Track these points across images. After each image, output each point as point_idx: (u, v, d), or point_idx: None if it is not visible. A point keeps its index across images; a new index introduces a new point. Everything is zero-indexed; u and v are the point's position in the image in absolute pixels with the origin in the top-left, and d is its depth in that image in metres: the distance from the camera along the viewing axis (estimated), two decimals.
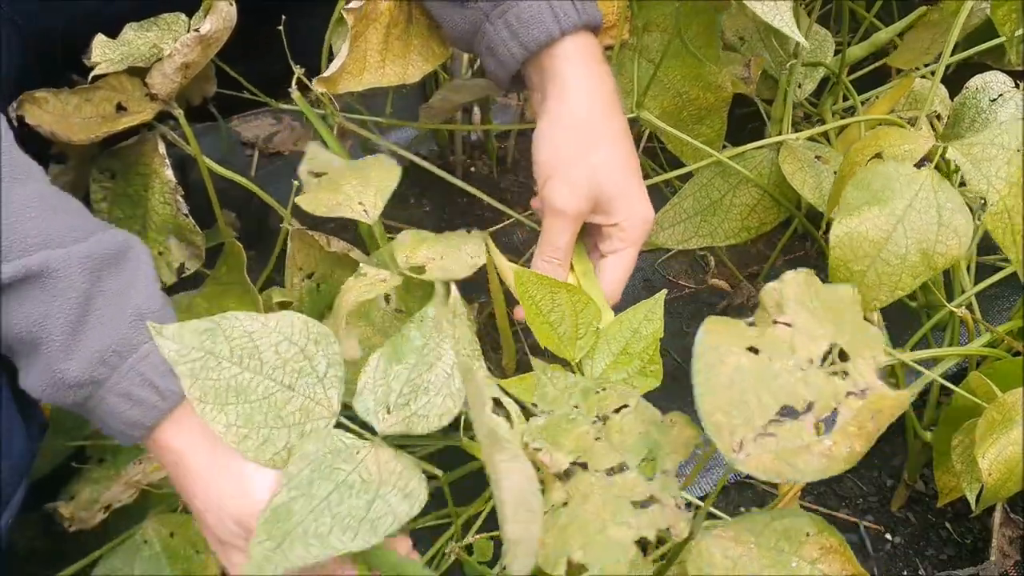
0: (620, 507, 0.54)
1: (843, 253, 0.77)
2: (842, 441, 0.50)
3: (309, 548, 0.56)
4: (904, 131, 0.81)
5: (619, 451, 0.57)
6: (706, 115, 0.98)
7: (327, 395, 0.64)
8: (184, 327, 0.63)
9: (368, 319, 0.82)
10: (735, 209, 0.98)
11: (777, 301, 0.56)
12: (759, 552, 0.53)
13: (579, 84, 0.78)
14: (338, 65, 0.81)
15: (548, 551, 0.52)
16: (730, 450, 0.51)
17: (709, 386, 0.52)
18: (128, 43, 0.80)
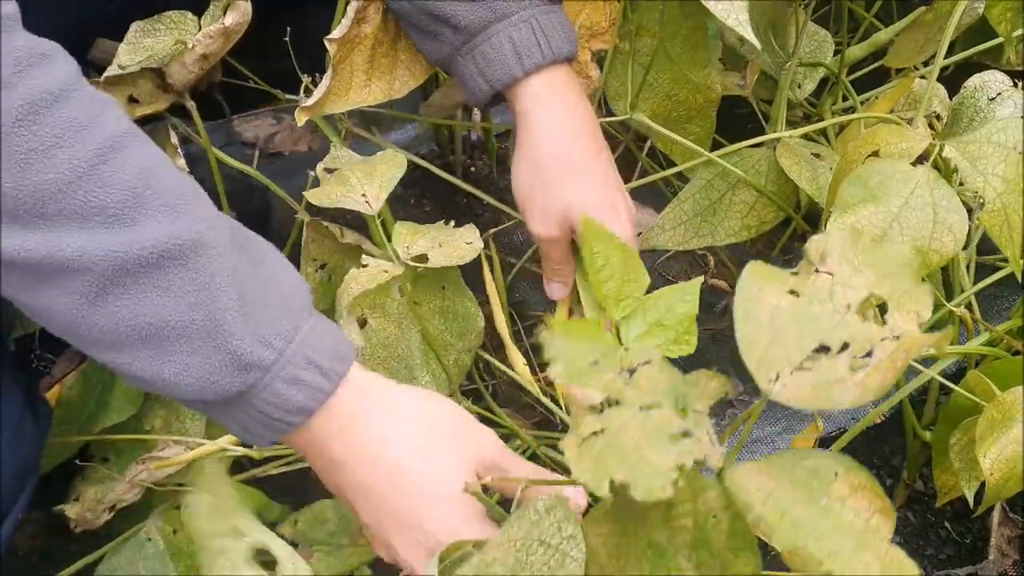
0: (658, 437, 0.54)
1: None
2: (875, 374, 0.52)
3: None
4: (901, 129, 0.81)
5: (650, 395, 0.58)
6: (695, 116, 1.00)
7: None
8: None
9: (383, 311, 0.84)
10: (735, 208, 0.99)
11: (821, 252, 0.58)
12: (792, 488, 0.53)
13: (544, 120, 0.82)
14: (321, 92, 0.83)
15: (591, 473, 0.53)
16: (767, 381, 0.53)
17: (749, 322, 0.54)
18: (150, 48, 0.81)
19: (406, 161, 0.85)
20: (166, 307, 0.57)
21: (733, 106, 1.02)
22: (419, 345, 0.85)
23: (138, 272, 0.56)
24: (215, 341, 0.59)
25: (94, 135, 0.56)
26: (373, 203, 0.82)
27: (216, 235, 0.59)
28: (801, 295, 0.56)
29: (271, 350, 0.61)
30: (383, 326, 0.83)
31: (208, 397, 0.60)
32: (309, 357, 0.62)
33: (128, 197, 0.56)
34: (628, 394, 0.58)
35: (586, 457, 0.54)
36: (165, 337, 0.58)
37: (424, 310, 0.86)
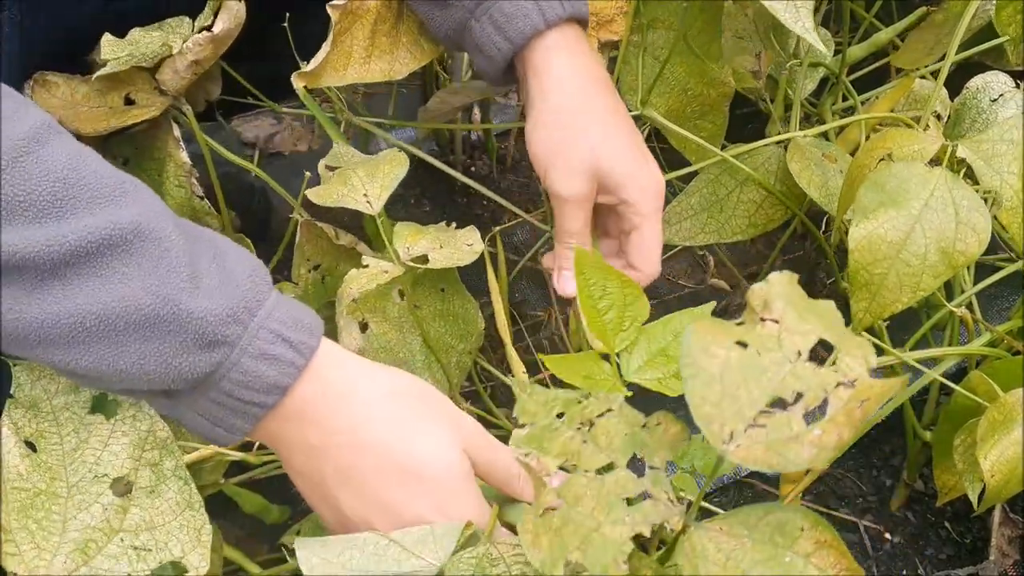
0: (613, 505, 0.54)
1: (863, 256, 0.77)
2: (831, 430, 0.50)
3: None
4: (912, 132, 0.81)
5: (606, 452, 0.57)
6: (708, 111, 0.99)
7: None
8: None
9: (384, 314, 0.83)
10: (742, 206, 0.99)
11: (764, 299, 0.56)
12: (753, 546, 0.52)
13: (562, 71, 0.79)
14: (320, 59, 0.81)
15: (545, 554, 0.53)
16: (720, 441, 0.51)
17: (698, 380, 0.52)
18: (135, 42, 0.81)
19: (408, 160, 0.85)
20: (112, 295, 0.54)
21: (733, 105, 1.02)
22: (420, 348, 0.85)
23: (77, 263, 0.53)
24: (172, 323, 0.55)
25: (15, 128, 0.53)
26: (374, 203, 0.81)
27: (159, 221, 0.56)
28: (750, 346, 0.54)
29: (236, 324, 0.57)
30: (384, 330, 0.82)
31: (172, 384, 0.57)
32: (276, 331, 0.59)
33: (59, 189, 0.53)
34: (585, 455, 0.57)
35: (543, 535, 0.54)
36: (115, 327, 0.54)
37: (424, 313, 0.85)
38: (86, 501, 0.56)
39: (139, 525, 0.56)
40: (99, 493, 0.56)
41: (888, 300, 0.78)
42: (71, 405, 0.57)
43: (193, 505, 0.58)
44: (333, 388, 0.62)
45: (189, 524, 0.58)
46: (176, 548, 0.57)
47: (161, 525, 0.57)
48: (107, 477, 0.57)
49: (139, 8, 0.82)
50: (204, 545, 0.57)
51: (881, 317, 0.79)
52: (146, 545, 0.56)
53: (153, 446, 0.58)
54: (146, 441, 0.58)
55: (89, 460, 0.57)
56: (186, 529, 0.57)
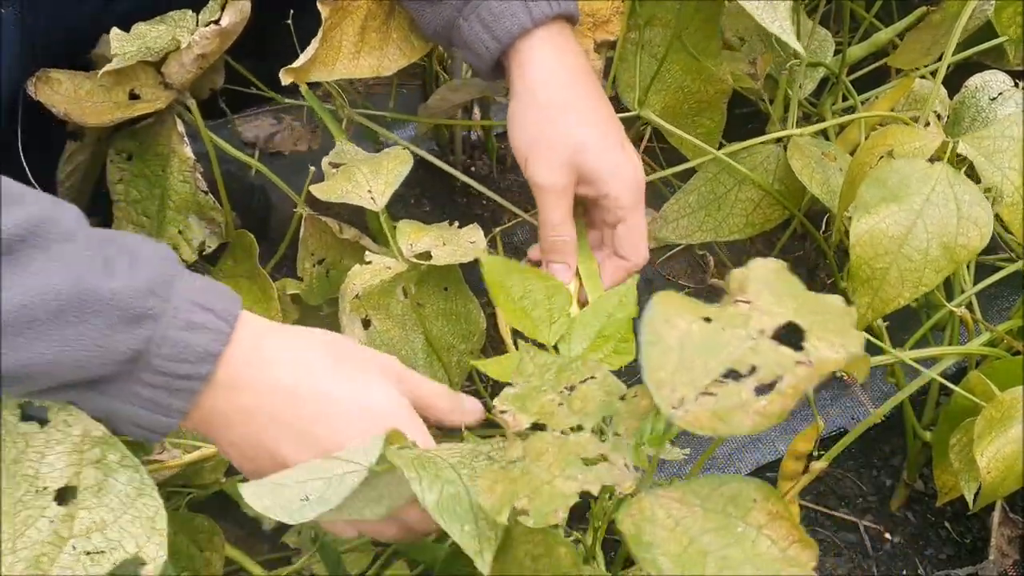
0: (570, 462, 0.55)
1: (864, 251, 0.77)
2: (777, 400, 0.51)
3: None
4: (912, 129, 0.81)
5: (578, 415, 0.58)
6: (706, 108, 0.99)
7: None
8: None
9: (387, 312, 0.83)
10: (740, 205, 0.99)
11: (740, 283, 0.57)
12: (704, 515, 0.53)
13: (546, 66, 0.80)
14: (309, 54, 0.82)
15: (495, 499, 0.54)
16: (668, 406, 0.52)
17: (656, 347, 0.53)
18: (143, 36, 0.81)
19: (412, 157, 0.85)
20: (29, 286, 0.53)
21: (732, 104, 1.02)
22: (422, 347, 0.85)
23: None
24: (93, 304, 0.55)
25: None
26: (378, 199, 0.82)
27: (62, 213, 0.56)
28: (715, 321, 0.55)
29: (156, 297, 0.57)
30: (387, 327, 0.83)
31: (103, 368, 0.56)
32: (198, 301, 0.59)
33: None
34: (559, 416, 0.58)
35: (500, 483, 0.54)
36: (37, 317, 0.53)
37: (427, 312, 0.86)
38: (32, 516, 0.56)
39: (89, 528, 0.56)
40: (43, 507, 0.56)
41: (890, 296, 0.78)
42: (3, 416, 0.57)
43: (144, 491, 0.57)
44: (261, 350, 0.62)
45: (141, 514, 0.57)
46: (130, 544, 0.56)
47: (112, 522, 0.56)
48: (48, 490, 0.56)
49: (140, 7, 0.83)
50: (159, 533, 0.57)
51: (883, 313, 0.79)
52: (99, 547, 0.56)
53: (92, 445, 0.57)
54: (83, 442, 0.57)
55: (29, 473, 0.56)
56: (138, 520, 0.57)
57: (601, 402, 0.59)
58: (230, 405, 0.61)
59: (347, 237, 0.88)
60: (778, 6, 0.76)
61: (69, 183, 0.92)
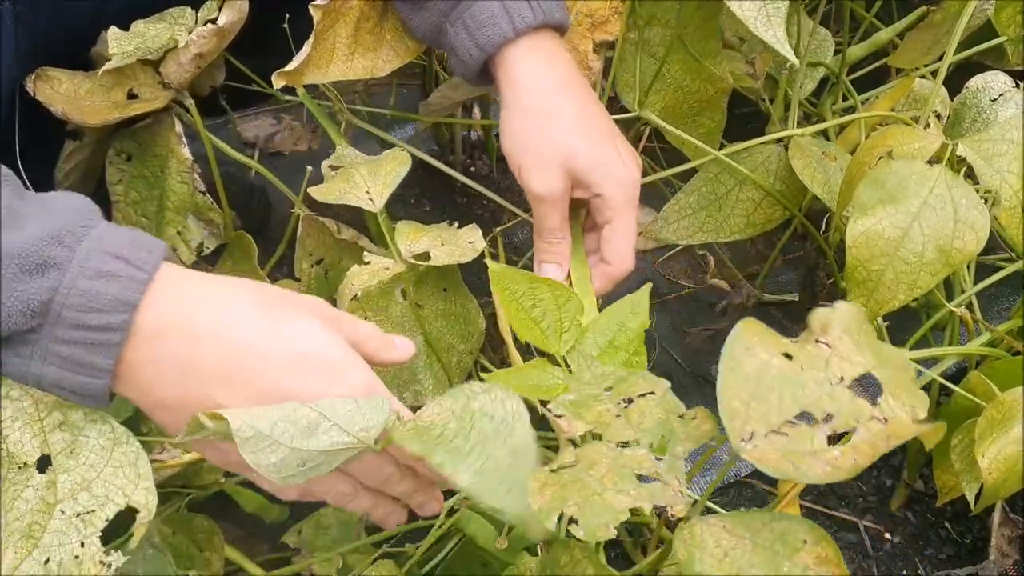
0: (623, 476, 0.55)
1: (860, 253, 0.77)
2: (850, 454, 0.51)
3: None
4: (912, 130, 0.81)
5: (635, 429, 0.58)
6: (706, 107, 0.98)
7: None
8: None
9: (386, 313, 0.83)
10: (740, 205, 0.99)
11: (823, 324, 0.57)
12: (753, 549, 0.53)
13: (532, 74, 0.80)
14: (302, 58, 0.82)
15: (545, 503, 0.53)
16: (739, 438, 0.52)
17: (734, 374, 0.53)
18: (141, 35, 0.81)
19: (411, 159, 0.85)
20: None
21: (733, 104, 1.02)
22: (422, 348, 0.85)
23: None
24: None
25: None
26: (376, 200, 0.82)
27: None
28: (795, 359, 0.54)
29: (60, 247, 0.55)
30: (386, 328, 0.83)
31: (12, 323, 0.54)
32: (110, 251, 0.56)
33: None
34: (614, 428, 0.58)
35: (550, 487, 0.54)
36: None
37: (427, 312, 0.86)
38: (17, 489, 0.56)
39: (72, 489, 0.56)
40: (27, 478, 0.56)
41: (885, 297, 0.78)
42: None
43: (120, 440, 0.57)
44: (188, 298, 0.60)
45: (123, 462, 0.57)
46: (118, 495, 0.56)
47: (94, 478, 0.56)
48: (28, 465, 0.56)
49: (138, 6, 0.83)
50: (145, 478, 0.56)
51: (878, 314, 0.79)
52: (88, 507, 0.55)
53: (48, 410, 0.57)
54: (39, 411, 0.57)
55: (13, 452, 0.57)
56: (120, 470, 0.56)
57: (659, 419, 0.58)
58: (158, 355, 0.58)
59: (345, 238, 0.88)
60: (772, 16, 0.75)
61: (68, 183, 0.92)
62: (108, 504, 0.56)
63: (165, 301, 0.58)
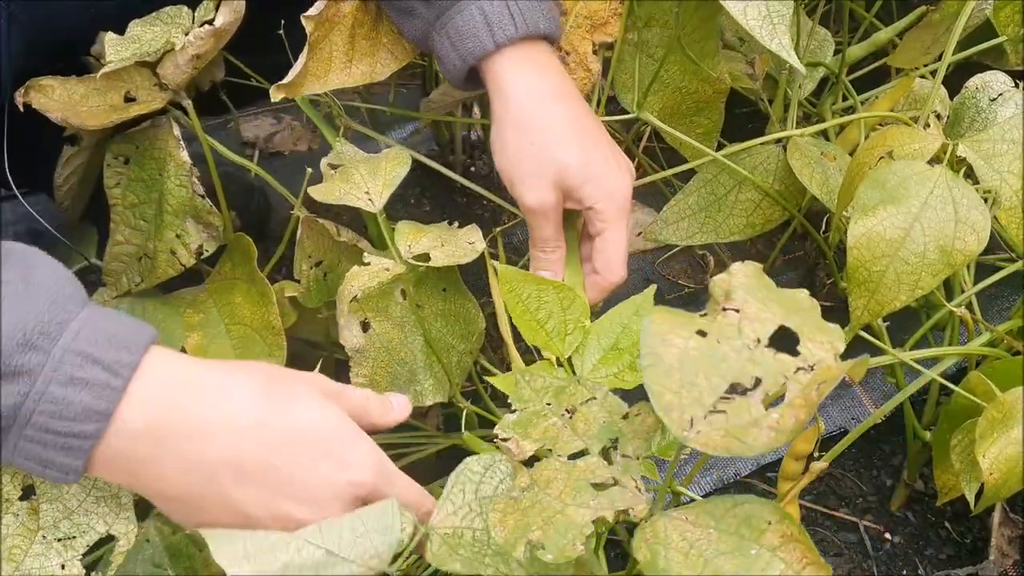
0: (580, 489, 0.55)
1: (861, 254, 0.77)
2: (789, 413, 0.51)
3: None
4: (913, 130, 0.81)
5: (582, 438, 0.58)
6: (703, 108, 0.99)
7: None
8: None
9: (386, 314, 0.83)
10: (740, 206, 0.99)
11: (725, 290, 0.57)
12: (719, 537, 0.52)
13: (517, 86, 0.80)
14: (298, 70, 0.82)
15: (508, 533, 0.53)
16: (680, 429, 0.52)
17: (657, 369, 0.53)
18: (138, 39, 0.81)
19: (411, 159, 0.85)
20: None
21: (733, 104, 1.02)
22: (421, 348, 0.85)
23: None
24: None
25: None
26: (376, 200, 0.82)
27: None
28: (709, 335, 0.55)
29: (35, 352, 0.53)
30: (386, 329, 0.82)
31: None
32: (85, 352, 0.54)
33: None
34: (562, 440, 0.58)
35: (510, 515, 0.54)
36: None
37: (426, 313, 0.86)
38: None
39: (55, 519, 0.56)
40: (8, 506, 0.56)
41: (887, 298, 0.78)
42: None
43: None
44: (184, 391, 0.58)
45: (104, 493, 0.57)
46: (99, 524, 0.56)
47: (76, 508, 0.56)
48: (9, 499, 0.57)
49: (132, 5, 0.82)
50: (126, 508, 0.57)
51: (879, 315, 0.79)
52: (69, 533, 0.56)
53: None
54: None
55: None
56: (103, 500, 0.57)
57: (604, 423, 0.59)
58: (158, 453, 0.57)
59: (344, 239, 0.88)
60: (777, 24, 0.75)
61: (67, 187, 0.92)
62: (90, 532, 0.57)
63: (157, 397, 0.57)
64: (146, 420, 0.56)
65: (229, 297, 0.87)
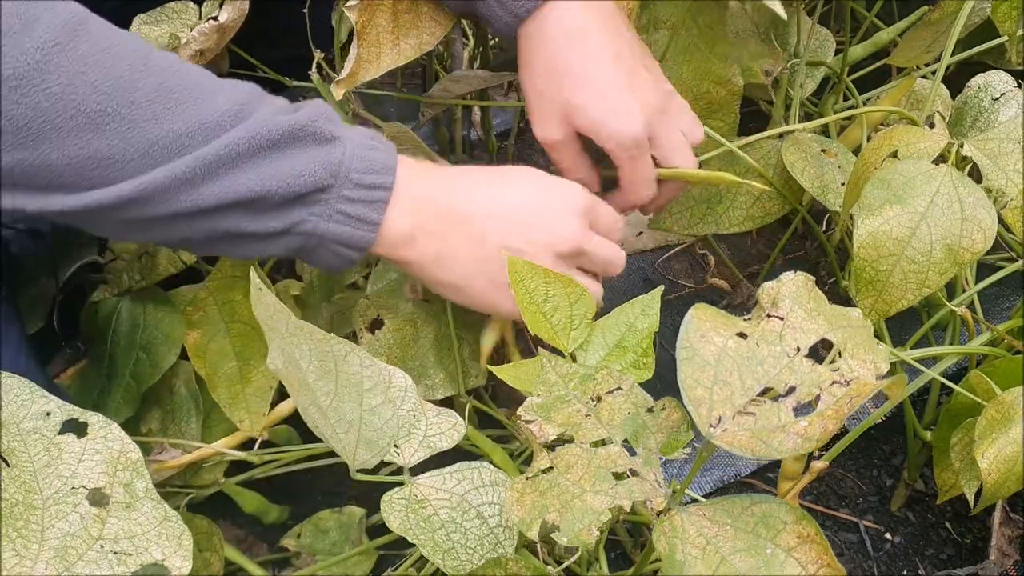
0: (600, 477, 0.56)
1: (868, 253, 0.77)
2: (818, 422, 0.52)
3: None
4: (918, 129, 0.81)
5: (606, 427, 0.58)
6: (718, 109, 0.98)
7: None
8: None
9: (396, 311, 0.84)
10: (740, 198, 0.99)
11: (773, 297, 0.58)
12: (735, 534, 0.53)
13: (555, 27, 0.79)
14: (352, 60, 0.81)
15: (525, 512, 0.54)
16: (707, 424, 0.52)
17: (692, 363, 0.54)
18: (144, 36, 0.81)
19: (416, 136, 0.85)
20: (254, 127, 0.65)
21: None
22: (432, 343, 0.85)
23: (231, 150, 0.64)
24: (293, 133, 0.66)
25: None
26: None
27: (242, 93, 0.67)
28: (749, 337, 0.55)
29: (337, 126, 0.68)
30: (398, 326, 0.83)
31: (317, 178, 0.66)
32: (367, 133, 0.70)
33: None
34: (585, 428, 0.58)
35: (528, 496, 0.54)
36: (264, 146, 0.65)
37: (435, 308, 0.86)
38: (63, 511, 0.57)
39: (118, 534, 0.57)
40: (76, 503, 0.58)
41: (894, 297, 0.78)
42: (39, 429, 0.59)
43: (170, 518, 0.60)
44: (423, 166, 0.74)
45: (168, 532, 0.59)
46: (157, 552, 0.58)
47: (140, 534, 0.58)
48: (83, 488, 0.58)
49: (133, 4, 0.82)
50: (185, 548, 0.58)
51: (887, 314, 0.79)
52: (126, 550, 0.57)
53: (125, 467, 0.60)
54: (118, 460, 0.59)
55: (65, 474, 0.58)
56: (166, 536, 0.58)
57: (628, 415, 0.59)
58: (438, 200, 0.73)
59: None
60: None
61: None
62: (146, 554, 0.58)
63: (415, 165, 0.73)
64: (422, 171, 0.74)
65: (229, 295, 0.87)
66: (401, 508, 0.61)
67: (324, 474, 0.95)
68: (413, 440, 0.66)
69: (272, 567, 0.96)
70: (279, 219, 0.67)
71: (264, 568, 0.87)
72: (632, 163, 0.81)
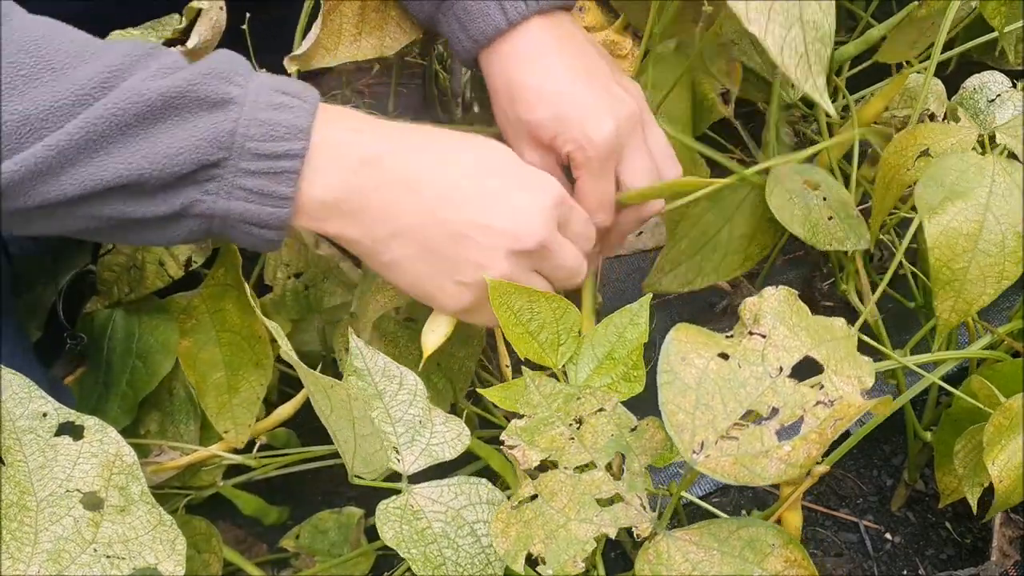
0: (584, 504, 0.55)
1: (943, 254, 0.75)
2: (801, 447, 0.51)
3: None
4: (942, 125, 0.79)
5: (589, 451, 0.58)
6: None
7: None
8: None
9: (379, 330, 0.82)
10: (734, 242, 0.95)
11: (755, 314, 0.57)
12: (722, 559, 0.52)
13: (527, 51, 0.76)
14: (311, 41, 0.79)
15: (510, 544, 0.53)
16: (689, 451, 0.52)
17: (673, 387, 0.53)
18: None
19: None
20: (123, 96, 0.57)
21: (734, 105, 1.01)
22: (415, 362, 0.84)
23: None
24: (178, 100, 0.57)
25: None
26: None
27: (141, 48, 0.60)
28: (731, 358, 0.54)
29: (234, 85, 0.59)
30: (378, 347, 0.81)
31: (203, 153, 0.58)
32: (275, 86, 0.61)
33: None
34: (568, 452, 0.58)
35: (512, 526, 0.54)
36: (141, 121, 0.57)
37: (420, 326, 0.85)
38: (57, 514, 0.57)
39: (112, 538, 0.58)
40: (70, 507, 0.58)
41: (974, 295, 0.75)
42: (35, 429, 0.58)
43: (164, 523, 0.60)
44: (362, 119, 0.66)
45: (162, 537, 0.59)
46: (150, 556, 0.58)
47: (134, 538, 0.58)
48: (78, 492, 0.58)
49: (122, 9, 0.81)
50: (179, 553, 0.58)
51: (968, 313, 0.77)
52: (120, 554, 0.57)
53: (120, 471, 0.59)
54: (114, 464, 0.59)
55: (60, 476, 0.58)
56: (159, 540, 0.59)
57: (612, 436, 0.58)
58: (381, 178, 0.64)
59: (323, 253, 0.87)
60: (814, 63, 0.71)
61: None
62: (139, 558, 0.59)
63: (342, 125, 0.64)
64: (366, 147, 0.64)
65: (221, 304, 0.85)
66: (396, 518, 0.60)
67: (323, 475, 0.95)
68: (415, 447, 0.64)
69: (271, 567, 0.96)
70: (166, 202, 0.59)
71: (263, 568, 0.87)
72: (585, 174, 0.76)
